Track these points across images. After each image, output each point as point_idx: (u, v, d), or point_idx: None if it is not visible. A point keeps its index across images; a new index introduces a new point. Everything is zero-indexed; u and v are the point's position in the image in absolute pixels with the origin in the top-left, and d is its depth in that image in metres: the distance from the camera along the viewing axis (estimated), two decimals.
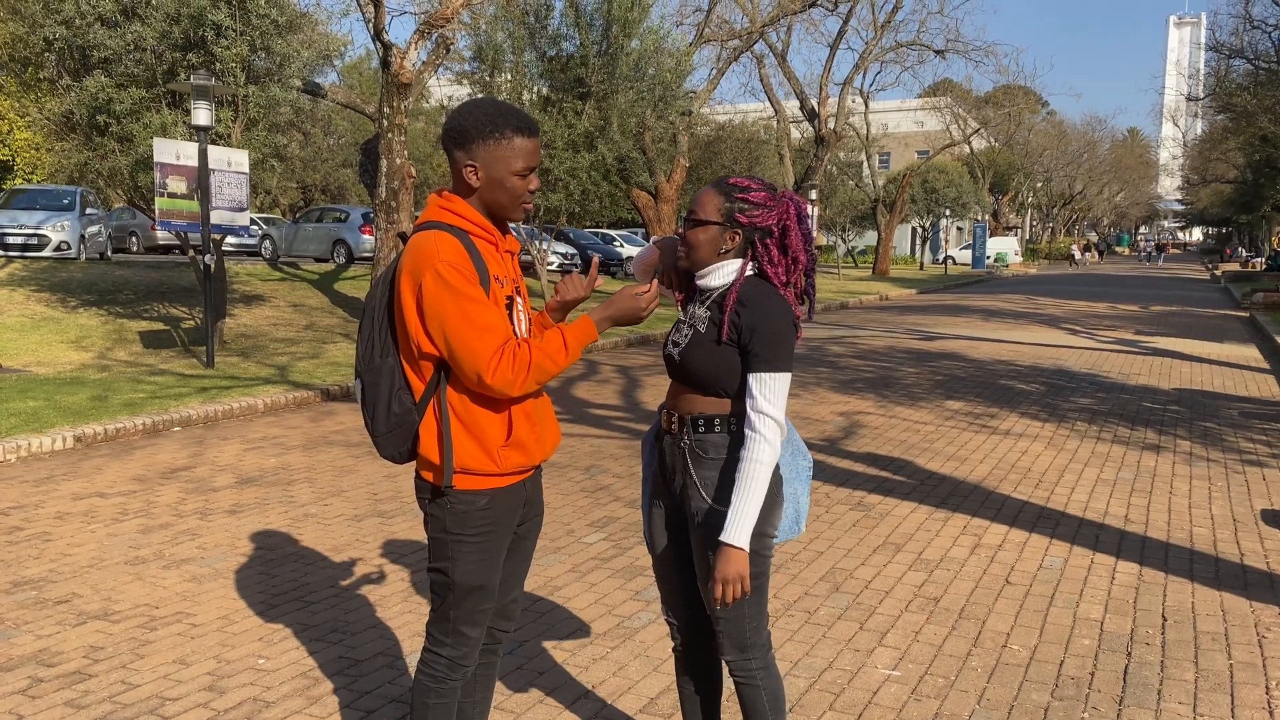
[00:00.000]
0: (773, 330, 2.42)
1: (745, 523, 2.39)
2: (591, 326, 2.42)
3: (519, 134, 2.36)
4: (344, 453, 7.38)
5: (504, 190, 2.39)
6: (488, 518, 2.44)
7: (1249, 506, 6.25)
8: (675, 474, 2.61)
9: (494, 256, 2.43)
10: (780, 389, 2.42)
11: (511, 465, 2.43)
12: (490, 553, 2.47)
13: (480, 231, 2.42)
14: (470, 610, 2.49)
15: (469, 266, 2.31)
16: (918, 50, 33.57)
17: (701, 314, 2.53)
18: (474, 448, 2.40)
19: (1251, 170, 39.50)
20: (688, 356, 2.50)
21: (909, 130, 65.03)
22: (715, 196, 2.51)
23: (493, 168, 2.37)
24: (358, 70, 38.65)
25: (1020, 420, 9.01)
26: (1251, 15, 26.45)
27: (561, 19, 17.98)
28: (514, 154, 2.36)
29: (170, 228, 10.73)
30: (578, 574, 4.85)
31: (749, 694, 2.61)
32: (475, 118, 2.36)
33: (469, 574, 2.46)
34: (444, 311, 2.28)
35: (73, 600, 4.40)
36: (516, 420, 2.43)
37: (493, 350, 2.30)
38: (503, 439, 2.42)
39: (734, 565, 2.38)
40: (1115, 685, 3.72)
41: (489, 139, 2.35)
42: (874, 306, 24.33)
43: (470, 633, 2.51)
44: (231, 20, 11.10)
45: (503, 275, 2.44)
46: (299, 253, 25.72)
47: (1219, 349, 15.21)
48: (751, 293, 2.48)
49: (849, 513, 5.96)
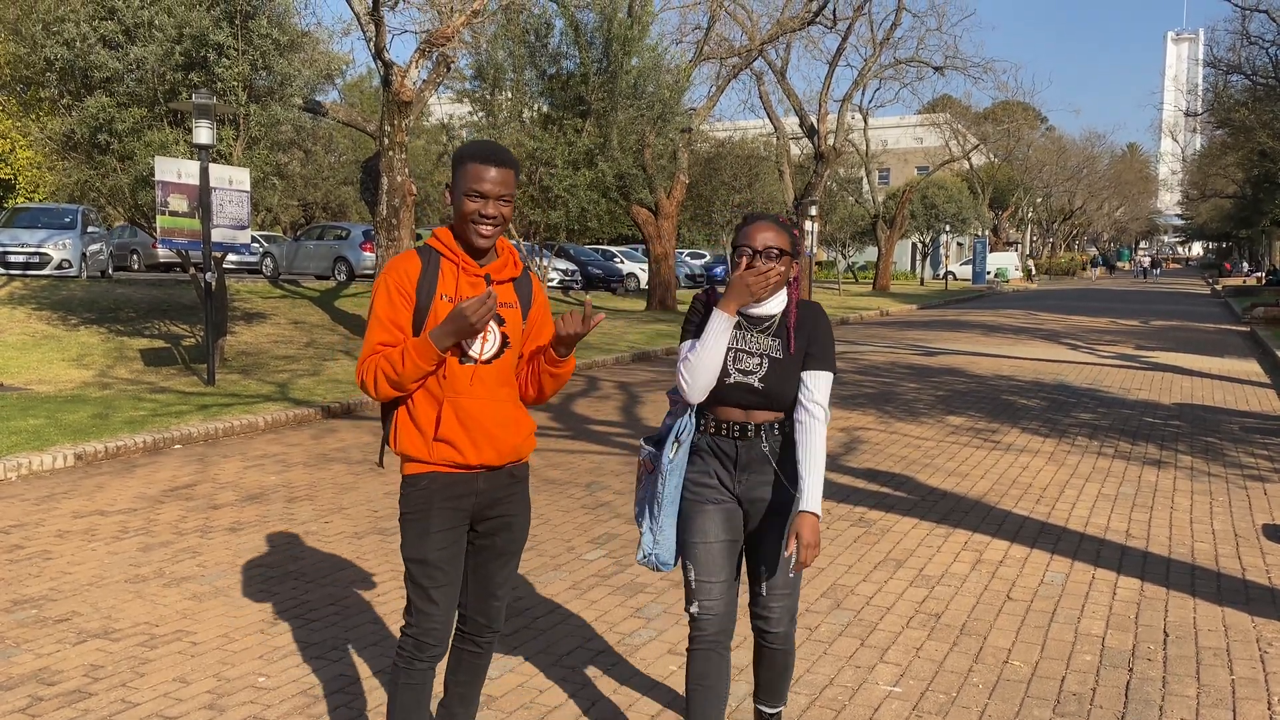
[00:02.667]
0: (826, 337, 2.90)
1: (818, 495, 2.82)
2: (429, 342, 2.60)
3: (473, 160, 2.65)
4: (345, 470, 7.38)
5: (458, 213, 2.68)
6: (424, 497, 2.72)
7: (1250, 521, 6.24)
8: (748, 474, 2.91)
9: (454, 277, 2.72)
10: (829, 385, 2.88)
11: (440, 458, 2.71)
12: (426, 529, 2.71)
13: (448, 253, 2.74)
14: (418, 584, 2.72)
15: (406, 285, 2.68)
16: (916, 67, 33.69)
17: (770, 342, 2.87)
18: (416, 435, 2.73)
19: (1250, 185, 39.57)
20: (773, 384, 2.85)
21: (908, 146, 65.21)
22: (782, 233, 2.88)
23: (454, 192, 2.69)
24: (359, 88, 38.81)
25: (1021, 435, 9.01)
26: (1249, 31, 26.57)
27: (562, 37, 18.08)
28: (466, 178, 2.65)
29: (171, 246, 10.75)
30: (578, 591, 4.84)
31: (787, 662, 3.07)
32: (459, 149, 2.70)
33: (408, 547, 2.73)
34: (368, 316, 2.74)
35: (73, 619, 4.40)
36: (444, 418, 2.71)
37: (363, 357, 2.68)
38: (431, 433, 2.71)
39: (816, 531, 2.78)
40: (1117, 701, 3.71)
41: (456, 168, 2.69)
42: (875, 322, 24.34)
43: (425, 608, 2.71)
44: (233, 40, 11.16)
45: (465, 296, 2.71)
46: (300, 270, 25.75)
47: (1220, 364, 15.21)
48: (806, 310, 2.93)
49: (850, 529, 5.95)
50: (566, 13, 17.79)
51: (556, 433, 8.94)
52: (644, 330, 18.62)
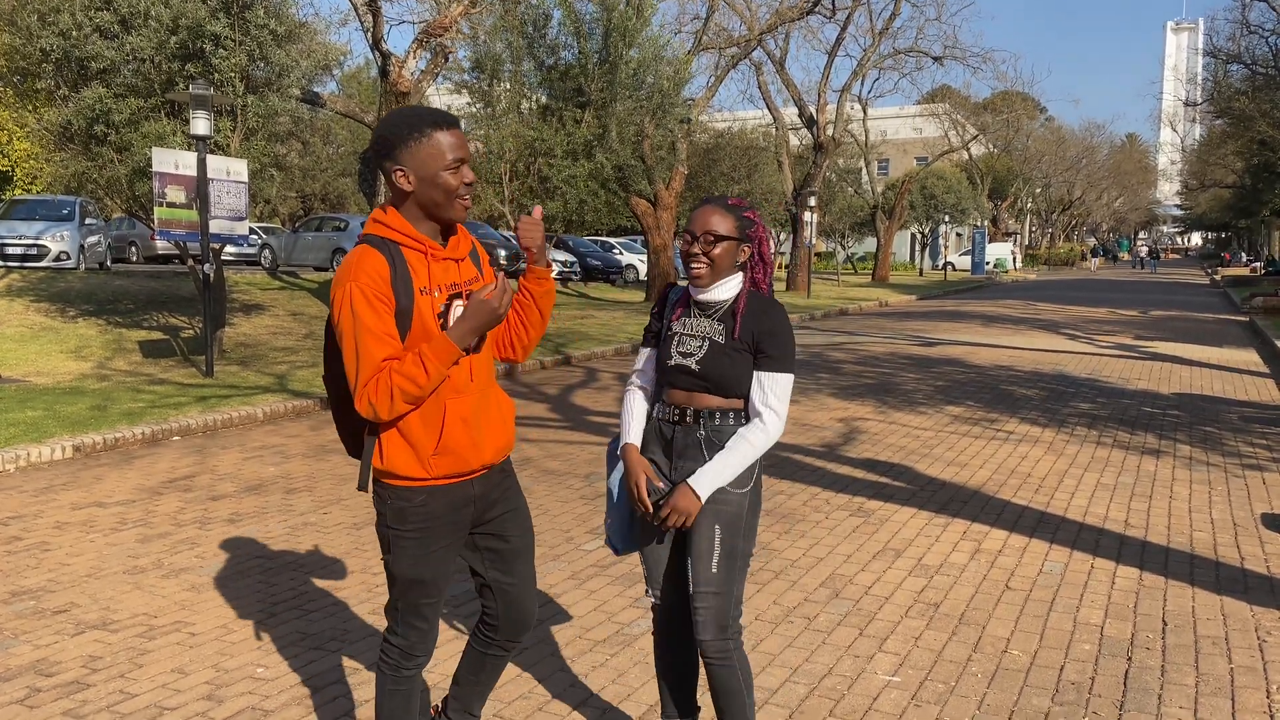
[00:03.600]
0: (782, 336, 2.72)
1: (713, 480, 2.68)
2: (450, 342, 2.39)
3: (438, 128, 2.40)
4: (343, 461, 7.38)
5: (436, 188, 2.41)
6: (424, 514, 2.51)
7: (1249, 511, 6.24)
8: (683, 460, 2.79)
9: (424, 266, 2.45)
10: (786, 389, 2.72)
11: (441, 471, 2.49)
12: (428, 548, 2.52)
13: (410, 242, 2.44)
14: (413, 603, 2.57)
15: (382, 288, 2.36)
16: (916, 57, 33.68)
17: (715, 326, 2.77)
18: (406, 453, 2.47)
19: (1250, 175, 39.53)
20: (710, 366, 2.73)
21: (908, 137, 65.11)
22: (726, 215, 2.76)
23: (421, 168, 2.40)
24: (357, 79, 38.71)
25: (1020, 425, 9.00)
26: (1249, 21, 26.52)
27: (560, 28, 18.03)
28: (437, 149, 2.39)
29: (169, 237, 10.73)
30: (577, 581, 4.84)
31: (724, 675, 2.74)
32: (393, 124, 2.41)
33: (407, 568, 2.53)
34: (343, 333, 2.38)
35: (71, 610, 4.40)
36: (449, 428, 2.47)
37: (365, 379, 2.36)
38: (432, 447, 2.47)
39: (689, 504, 2.67)
40: (1116, 690, 3.71)
41: (409, 140, 2.39)
42: (874, 313, 24.34)
43: (417, 624, 2.59)
44: (230, 30, 11.12)
45: (439, 284, 2.47)
46: (298, 262, 25.72)
47: (1218, 353, 15.21)
48: (758, 303, 2.77)
49: (848, 519, 5.95)
50: (565, 3, 17.74)
51: (555, 424, 8.94)
52: (643, 321, 18.62)
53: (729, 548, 2.73)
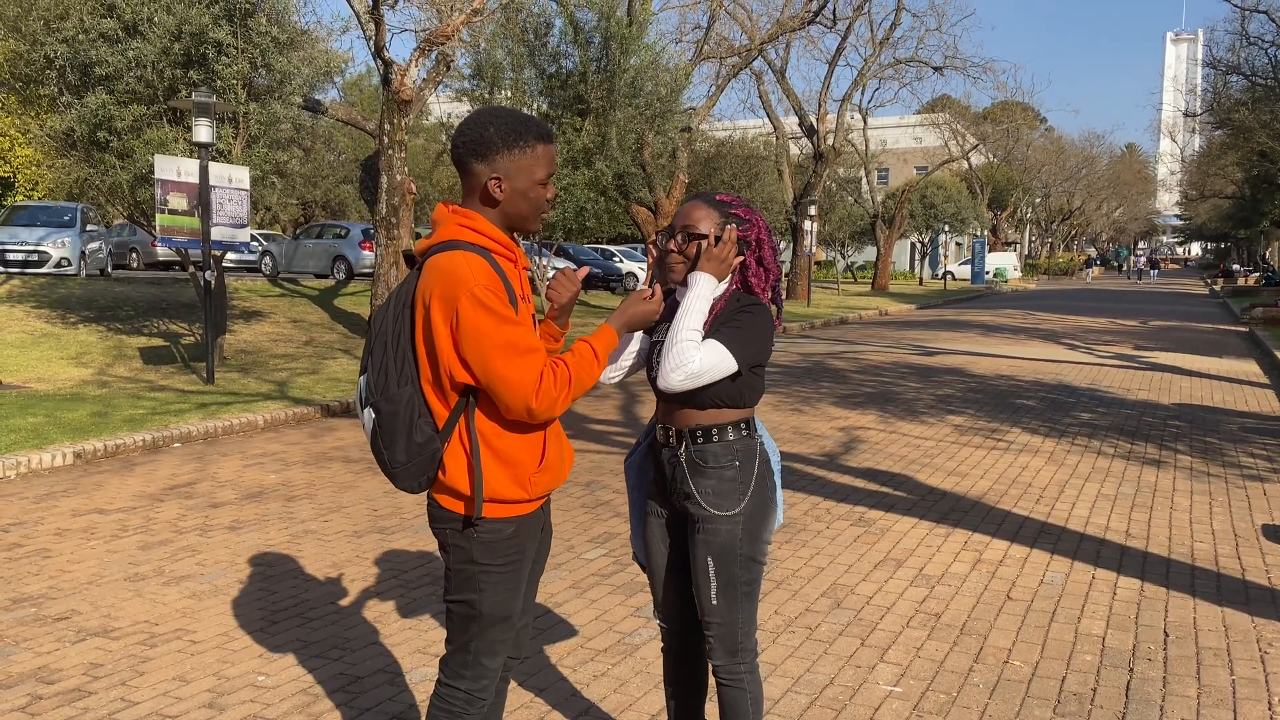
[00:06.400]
0: (747, 331, 2.49)
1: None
2: (613, 333, 2.38)
3: (541, 141, 2.30)
4: (344, 469, 7.38)
5: (527, 201, 2.32)
6: (515, 546, 2.36)
7: (1250, 521, 6.24)
8: (674, 485, 2.65)
9: (514, 274, 2.33)
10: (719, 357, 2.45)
11: (541, 489, 2.36)
12: (516, 582, 2.39)
13: (502, 249, 2.31)
14: (493, 641, 2.41)
15: (501, 289, 2.20)
16: (916, 67, 33.71)
17: None
18: (505, 475, 2.30)
19: (1249, 185, 39.57)
20: None
21: (908, 146, 65.19)
22: (709, 210, 2.55)
23: (517, 178, 2.29)
24: (358, 87, 38.73)
25: (1021, 435, 9.00)
26: (1248, 32, 26.55)
27: (561, 36, 18.06)
28: (538, 162, 2.30)
29: (171, 244, 10.74)
30: (578, 590, 4.83)
31: (733, 696, 2.67)
32: (498, 127, 2.27)
33: (497, 605, 2.37)
34: (484, 339, 2.17)
35: (72, 617, 4.39)
36: (550, 443, 2.37)
37: (536, 375, 2.20)
38: (536, 464, 2.34)
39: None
40: (1117, 701, 3.71)
41: (513, 149, 2.27)
42: (874, 321, 24.34)
43: (490, 664, 2.43)
44: (232, 38, 11.15)
45: (525, 293, 2.38)
46: (299, 269, 25.75)
47: (1219, 364, 15.22)
48: (738, 300, 2.56)
49: (850, 529, 5.95)
50: (566, 12, 17.78)
51: None
52: None
53: (725, 578, 2.60)
